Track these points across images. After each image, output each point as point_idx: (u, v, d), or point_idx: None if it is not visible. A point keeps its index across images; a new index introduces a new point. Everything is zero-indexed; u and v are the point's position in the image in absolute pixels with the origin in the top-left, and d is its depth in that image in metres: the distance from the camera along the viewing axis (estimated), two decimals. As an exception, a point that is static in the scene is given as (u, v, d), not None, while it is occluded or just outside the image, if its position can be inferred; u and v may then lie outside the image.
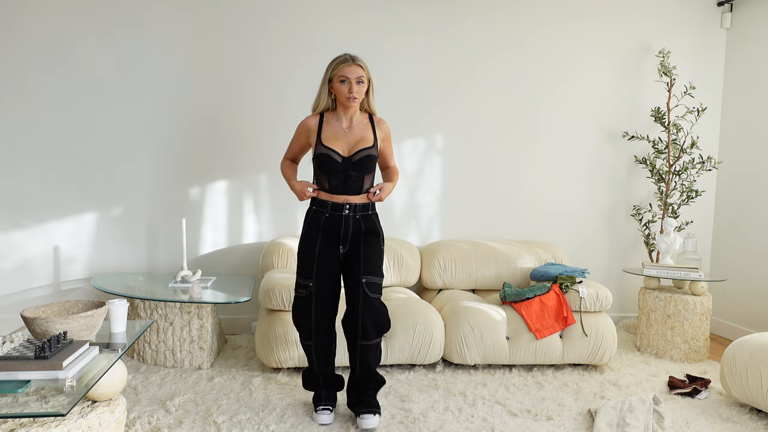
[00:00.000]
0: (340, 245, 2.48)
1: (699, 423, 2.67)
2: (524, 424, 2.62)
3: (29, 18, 3.71)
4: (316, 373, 2.61)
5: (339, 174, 2.43)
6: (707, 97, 4.38)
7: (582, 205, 4.36)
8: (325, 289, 2.49)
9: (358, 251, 2.46)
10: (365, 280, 2.44)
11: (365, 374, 2.53)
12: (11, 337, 1.91)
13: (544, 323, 3.27)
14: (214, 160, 3.94)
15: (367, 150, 2.43)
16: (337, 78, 2.40)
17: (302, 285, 2.49)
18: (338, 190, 2.45)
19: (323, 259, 2.46)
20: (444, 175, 4.18)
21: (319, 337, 2.54)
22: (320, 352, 2.57)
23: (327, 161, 2.41)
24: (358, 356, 2.50)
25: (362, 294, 2.44)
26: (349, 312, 2.51)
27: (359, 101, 2.44)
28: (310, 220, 2.51)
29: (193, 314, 3.26)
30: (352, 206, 2.45)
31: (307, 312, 2.49)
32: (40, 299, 3.84)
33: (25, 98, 3.75)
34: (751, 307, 4.09)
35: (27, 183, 3.80)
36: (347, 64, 2.39)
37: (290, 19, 3.93)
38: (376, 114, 2.56)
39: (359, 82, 2.40)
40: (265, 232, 4.04)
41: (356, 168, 2.43)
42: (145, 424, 2.49)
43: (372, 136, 2.48)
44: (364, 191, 2.49)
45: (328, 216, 2.46)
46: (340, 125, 2.47)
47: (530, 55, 4.20)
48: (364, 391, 2.55)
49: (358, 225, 2.47)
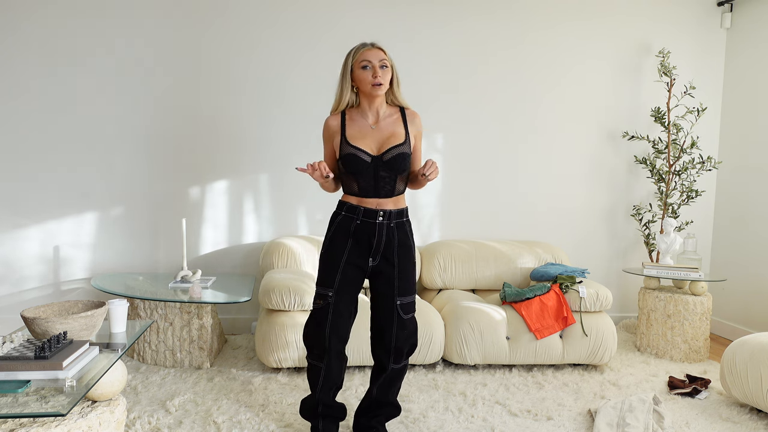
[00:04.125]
0: (370, 257, 2.23)
1: (699, 423, 2.67)
2: (524, 424, 2.62)
3: (31, 21, 3.70)
4: (317, 401, 2.33)
5: (369, 175, 2.18)
6: (707, 97, 4.38)
7: (582, 205, 4.36)
8: (346, 302, 2.24)
9: (391, 268, 2.23)
10: (400, 302, 2.23)
11: (382, 398, 2.34)
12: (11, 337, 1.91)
13: (544, 323, 3.27)
14: (214, 160, 3.94)
15: (400, 147, 2.19)
16: (358, 65, 2.17)
17: (321, 295, 2.24)
18: (369, 194, 2.20)
19: (349, 269, 2.22)
20: (444, 175, 4.18)
21: (331, 357, 2.26)
22: (329, 376, 2.28)
23: (354, 161, 2.16)
24: (387, 380, 2.31)
25: (397, 317, 2.24)
26: (381, 334, 2.28)
27: (385, 88, 2.19)
28: (338, 226, 2.24)
29: (193, 314, 3.26)
30: (386, 213, 2.20)
31: (322, 326, 2.22)
32: (40, 299, 3.84)
33: (25, 99, 3.75)
34: (751, 307, 4.09)
35: (27, 183, 3.79)
36: (367, 48, 2.18)
37: (291, 19, 3.93)
38: (408, 107, 2.30)
39: (383, 66, 2.17)
40: (265, 232, 4.04)
41: (388, 168, 2.18)
42: (145, 424, 2.49)
43: (404, 132, 2.23)
44: (396, 194, 2.24)
45: (360, 223, 2.20)
46: (366, 121, 2.23)
47: (530, 55, 4.20)
48: (377, 416, 2.36)
49: (391, 235, 2.22)
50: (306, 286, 3.16)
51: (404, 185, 2.30)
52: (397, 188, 2.25)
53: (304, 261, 3.68)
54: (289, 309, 3.12)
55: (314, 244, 3.79)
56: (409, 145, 2.23)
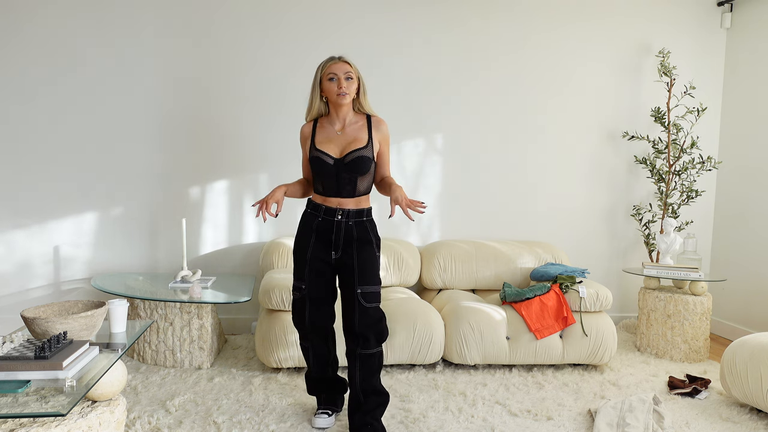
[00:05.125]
0: (332, 250, 2.44)
1: (699, 423, 2.67)
2: (524, 424, 2.62)
3: (33, 23, 3.70)
4: (314, 377, 2.62)
5: (331, 176, 2.40)
6: (707, 97, 4.38)
7: (582, 205, 4.36)
8: (318, 292, 2.48)
9: (351, 260, 2.42)
10: (360, 290, 2.41)
11: (366, 386, 2.46)
12: (11, 337, 1.91)
13: (544, 323, 3.27)
14: (214, 160, 3.95)
15: (360, 150, 2.38)
16: (325, 77, 2.39)
17: (296, 287, 2.50)
18: (331, 193, 2.42)
19: (315, 262, 2.45)
20: (444, 175, 4.18)
21: (314, 340, 2.55)
22: (316, 355, 2.58)
23: (319, 163, 2.39)
24: (358, 365, 2.46)
25: (358, 305, 2.42)
26: (346, 321, 2.47)
27: (350, 98, 2.40)
28: (304, 222, 2.49)
29: (193, 314, 3.26)
30: (345, 212, 2.41)
31: (302, 314, 2.51)
32: (40, 299, 3.84)
33: (26, 100, 3.75)
34: (751, 307, 4.09)
35: (27, 183, 3.80)
36: (333, 62, 2.39)
37: (291, 20, 3.93)
38: (373, 114, 2.49)
39: (348, 78, 2.37)
40: (265, 232, 4.04)
41: (348, 169, 2.38)
42: (145, 424, 2.49)
43: (366, 137, 2.42)
44: (357, 194, 2.43)
45: (321, 220, 2.43)
46: (333, 128, 2.45)
47: (530, 56, 4.20)
48: (368, 411, 2.44)
49: (350, 231, 2.42)
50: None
51: (366, 187, 2.47)
52: (358, 189, 2.43)
53: (304, 261, 3.68)
54: (289, 309, 3.12)
55: (314, 244, 3.78)
56: (371, 149, 2.42)
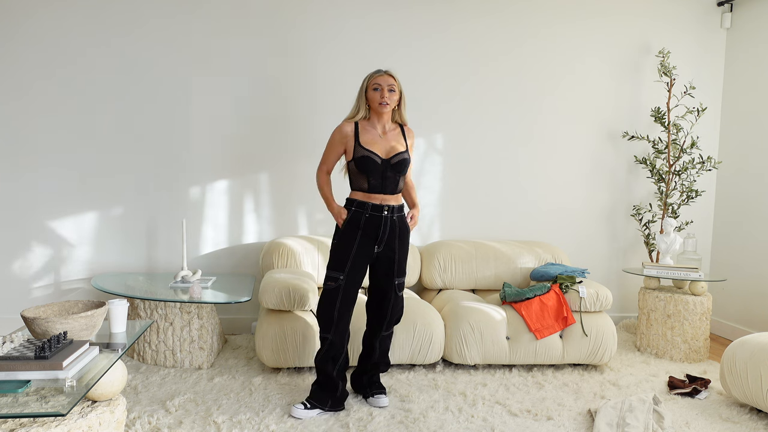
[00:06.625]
0: (375, 245, 2.67)
1: (699, 423, 2.67)
2: (524, 424, 2.62)
3: (32, 22, 3.70)
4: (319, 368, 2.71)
5: (378, 175, 2.63)
6: (707, 97, 4.38)
7: (582, 205, 4.36)
8: (353, 284, 2.67)
9: (393, 252, 2.69)
10: (398, 281, 2.73)
11: (382, 359, 2.85)
12: (11, 337, 1.91)
13: (544, 323, 3.27)
14: (214, 160, 3.95)
15: (403, 154, 2.67)
16: (371, 86, 2.66)
17: (332, 278, 2.65)
18: (376, 190, 2.65)
19: (359, 256, 2.64)
20: (444, 175, 4.18)
21: (337, 332, 2.66)
22: (332, 348, 2.67)
23: (368, 162, 2.62)
24: (378, 343, 2.80)
25: (394, 293, 2.74)
26: (378, 306, 2.76)
27: (391, 107, 2.67)
28: (350, 220, 2.66)
29: (193, 314, 3.26)
30: (390, 207, 2.66)
31: (332, 303, 2.64)
32: (40, 299, 3.84)
33: (26, 99, 3.75)
34: (751, 307, 4.09)
35: (27, 183, 3.80)
36: (380, 75, 2.67)
37: (291, 21, 3.93)
38: (407, 124, 2.79)
39: (391, 90, 2.64)
40: (265, 232, 4.04)
41: (394, 169, 2.65)
42: (145, 424, 2.49)
43: (404, 143, 2.72)
44: (398, 191, 2.70)
45: (368, 216, 2.64)
46: (376, 131, 2.70)
47: (530, 56, 4.20)
48: (375, 374, 2.85)
49: (394, 225, 2.68)
50: (306, 285, 3.16)
51: (402, 185, 2.76)
52: (399, 187, 2.72)
53: (304, 261, 3.68)
54: (289, 309, 3.13)
55: (314, 244, 3.78)
56: (408, 153, 2.72)
